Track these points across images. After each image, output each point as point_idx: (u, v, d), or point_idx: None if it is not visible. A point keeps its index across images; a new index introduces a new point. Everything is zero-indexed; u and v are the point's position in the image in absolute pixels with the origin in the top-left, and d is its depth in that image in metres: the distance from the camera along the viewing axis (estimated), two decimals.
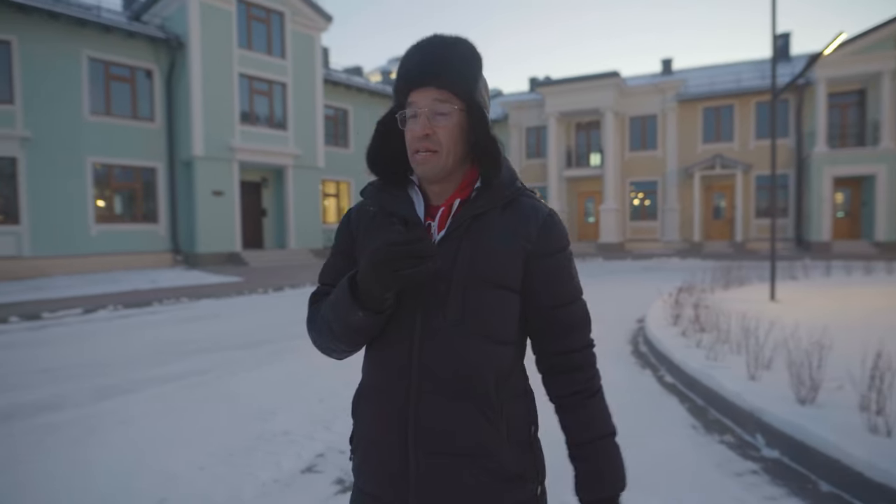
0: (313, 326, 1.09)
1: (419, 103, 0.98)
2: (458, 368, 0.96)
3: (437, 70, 0.97)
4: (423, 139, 0.97)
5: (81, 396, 4.51)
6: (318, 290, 1.15)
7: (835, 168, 20.34)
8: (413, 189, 1.07)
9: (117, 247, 15.80)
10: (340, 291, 0.97)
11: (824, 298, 8.45)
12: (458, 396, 0.96)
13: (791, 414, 3.38)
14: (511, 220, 1.02)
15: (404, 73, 1.00)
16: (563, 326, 1.06)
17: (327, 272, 1.15)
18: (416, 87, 0.98)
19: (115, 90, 15.93)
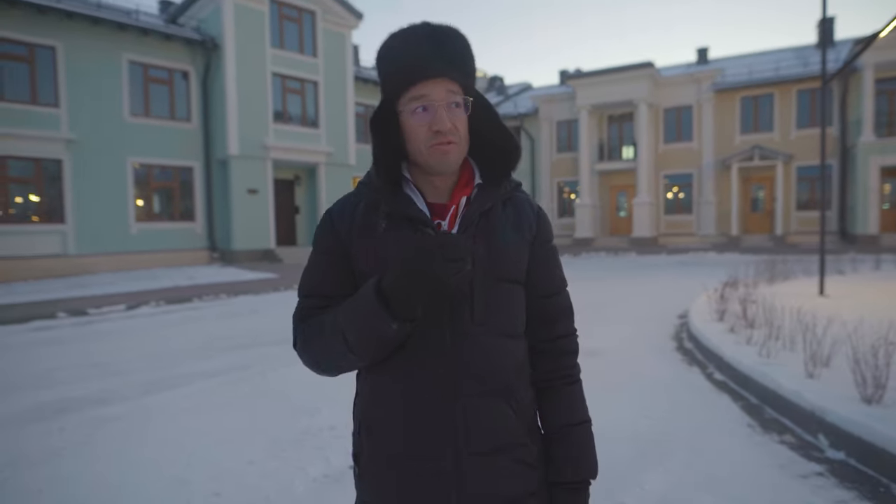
0: (317, 344, 0.99)
1: (433, 95, 0.94)
2: (490, 368, 0.98)
3: (448, 61, 0.95)
4: (442, 133, 0.95)
5: (129, 391, 4.61)
6: (306, 303, 1.05)
7: (882, 157, 19.47)
8: (407, 185, 1.01)
9: (156, 245, 16.23)
10: (364, 303, 0.90)
11: (877, 293, 8.07)
12: (492, 394, 0.98)
13: (856, 413, 3.21)
14: (513, 215, 1.05)
15: (412, 63, 0.94)
16: (553, 314, 1.09)
17: (315, 283, 1.04)
18: (428, 78, 0.94)
19: (154, 92, 16.33)
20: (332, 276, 1.03)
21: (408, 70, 0.95)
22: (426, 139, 0.95)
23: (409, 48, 0.95)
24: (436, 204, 1.01)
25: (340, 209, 1.05)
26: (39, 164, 14.30)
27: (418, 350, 0.96)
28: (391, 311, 0.88)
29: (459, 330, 0.96)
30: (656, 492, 2.70)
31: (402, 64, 0.95)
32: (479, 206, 1.01)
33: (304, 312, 1.05)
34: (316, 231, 1.08)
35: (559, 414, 1.08)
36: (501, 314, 1.00)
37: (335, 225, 1.03)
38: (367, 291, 0.91)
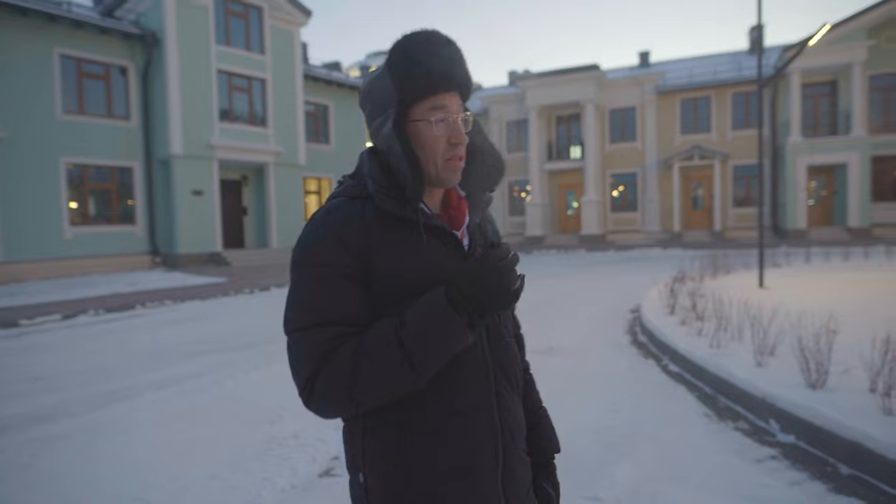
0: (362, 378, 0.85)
1: (451, 108, 0.95)
2: (514, 366, 1.05)
3: (462, 76, 0.96)
4: (459, 146, 0.96)
5: (76, 405, 4.34)
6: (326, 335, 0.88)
7: (808, 157, 20.80)
8: None
9: (93, 250, 15.35)
10: (442, 319, 0.85)
11: (810, 284, 8.61)
12: (514, 388, 1.04)
13: (804, 398, 3.41)
14: (484, 223, 1.10)
15: (439, 71, 0.91)
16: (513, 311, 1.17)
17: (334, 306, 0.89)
18: (448, 90, 0.94)
19: (89, 88, 15.44)
20: (352, 294, 0.91)
21: (434, 78, 0.92)
22: (444, 152, 0.95)
23: (433, 55, 0.92)
24: (438, 216, 1.02)
25: (345, 219, 0.93)
26: None
27: (461, 360, 0.94)
28: (469, 322, 0.88)
29: (495, 335, 1.01)
30: (627, 484, 2.78)
31: (428, 70, 0.91)
32: (474, 216, 1.04)
33: (323, 347, 0.88)
34: (307, 247, 0.93)
35: (532, 402, 1.18)
36: (511, 316, 1.12)
37: (343, 238, 0.91)
38: (438, 304, 0.87)
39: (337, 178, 22.70)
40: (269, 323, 7.93)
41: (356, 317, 0.90)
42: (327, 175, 22.32)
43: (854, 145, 20.29)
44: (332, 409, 0.90)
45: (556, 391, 4.32)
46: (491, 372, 0.98)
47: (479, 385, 0.97)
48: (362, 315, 0.91)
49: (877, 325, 4.19)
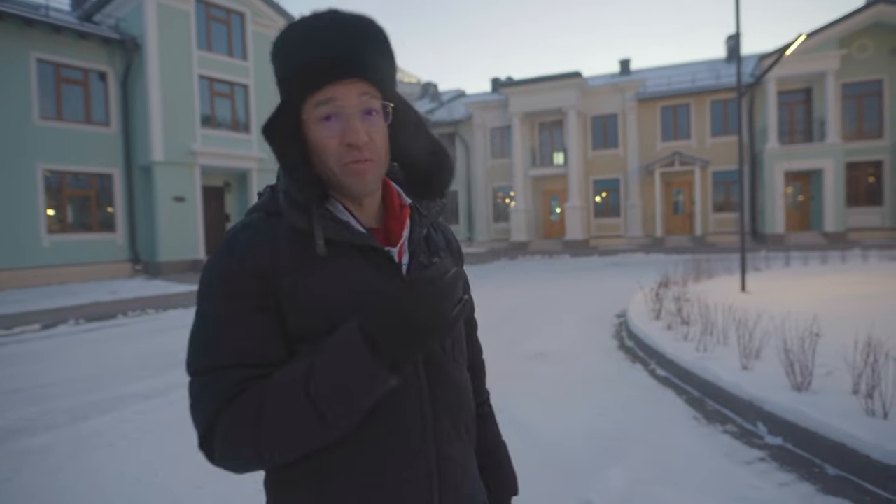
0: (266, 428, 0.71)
1: (344, 100, 0.76)
2: (462, 404, 0.88)
3: (363, 57, 0.76)
4: (356, 147, 0.77)
5: (57, 418, 4.24)
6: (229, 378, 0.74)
7: (786, 163, 21.25)
8: (337, 208, 0.83)
9: (72, 258, 15.05)
10: (349, 358, 0.69)
11: (791, 288, 8.78)
12: (457, 427, 0.87)
13: (789, 401, 3.47)
14: (442, 237, 0.96)
15: (316, 61, 0.75)
16: (473, 336, 1.08)
17: (238, 345, 0.75)
18: (338, 79, 0.76)
19: (67, 93, 15.17)
20: (260, 329, 0.76)
21: (311, 69, 0.76)
22: (338, 155, 0.78)
23: (311, 42, 0.76)
24: (372, 229, 0.85)
25: (251, 240, 0.78)
26: None
27: (395, 398, 0.77)
28: (387, 364, 0.70)
29: (436, 369, 0.83)
30: (620, 487, 2.80)
31: (304, 61, 0.76)
32: (421, 229, 0.87)
33: (223, 393, 0.73)
34: (212, 276, 0.78)
35: (492, 437, 1.07)
36: (460, 344, 0.92)
37: (247, 262, 0.77)
38: (352, 345, 0.70)
39: None
40: None
41: (266, 356, 0.76)
42: None
43: (829, 152, 20.78)
44: (239, 466, 0.74)
45: (546, 396, 4.35)
46: (430, 418, 0.81)
47: (414, 433, 0.80)
48: (274, 354, 0.76)
49: (858, 327, 4.28)
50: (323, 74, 0.76)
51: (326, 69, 0.75)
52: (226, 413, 0.73)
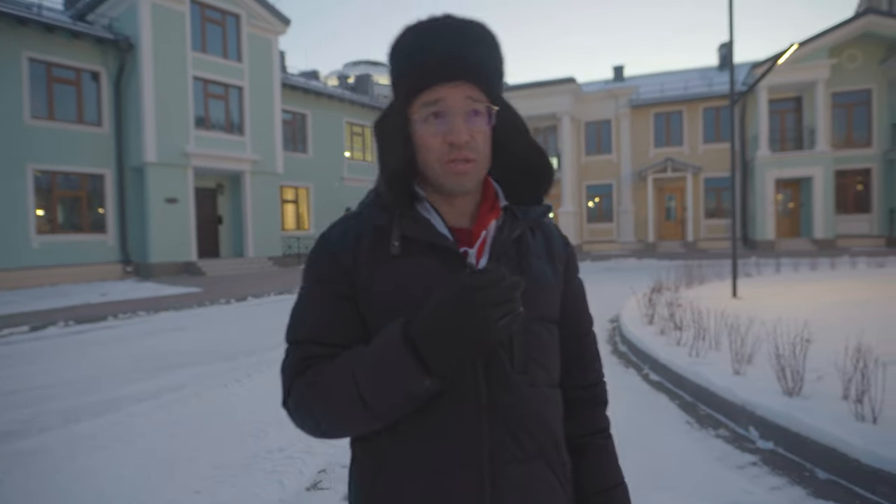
0: (319, 403, 0.78)
1: (449, 101, 0.79)
2: (534, 425, 0.83)
3: (471, 61, 0.80)
4: (458, 147, 0.80)
5: (49, 420, 4.21)
6: (302, 353, 0.83)
7: (776, 170, 21.48)
8: (424, 207, 0.86)
9: (62, 259, 14.93)
10: (388, 355, 0.73)
11: (782, 294, 8.87)
12: (534, 458, 0.83)
13: (781, 406, 3.51)
14: (544, 242, 0.92)
15: (428, 62, 0.79)
16: (587, 356, 0.97)
17: (315, 325, 0.84)
18: (445, 80, 0.79)
19: (59, 93, 15.08)
20: (336, 317, 0.83)
21: (422, 70, 0.80)
22: (440, 153, 0.81)
23: (424, 44, 0.80)
24: (458, 229, 0.85)
25: (341, 234, 0.86)
26: None
27: (446, 404, 0.78)
28: (424, 364, 0.71)
29: (498, 379, 0.80)
30: None
31: (416, 62, 0.80)
32: (511, 231, 0.86)
33: (299, 364, 0.83)
34: (308, 262, 0.88)
35: (598, 476, 0.94)
36: (543, 359, 0.86)
37: (336, 254, 0.85)
38: (392, 340, 0.73)
39: (316, 186, 22.53)
40: (248, 333, 7.82)
41: (337, 338, 0.82)
42: (305, 184, 22.17)
43: (818, 160, 21.03)
44: (305, 429, 0.83)
45: None
46: (486, 431, 0.78)
47: (467, 444, 0.78)
48: (344, 337, 0.82)
49: (848, 333, 4.34)
50: (432, 75, 0.79)
51: (435, 71, 0.79)
52: (295, 385, 0.82)
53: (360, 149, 25.12)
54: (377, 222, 0.84)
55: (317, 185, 22.54)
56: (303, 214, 22.31)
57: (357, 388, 0.74)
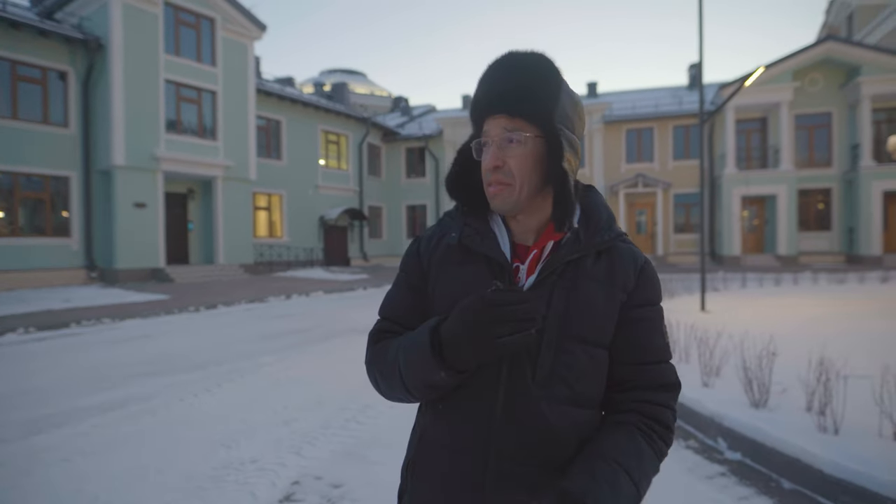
0: (379, 370, 0.97)
1: (490, 133, 0.91)
2: (545, 437, 0.87)
3: (507, 96, 0.89)
4: (494, 171, 0.90)
5: (8, 432, 4.04)
6: (381, 325, 1.04)
7: (742, 188, 22.16)
8: (495, 220, 0.98)
9: (22, 263, 14.40)
10: (419, 346, 0.86)
11: (748, 308, 9.13)
12: (540, 467, 0.88)
13: (748, 417, 3.61)
14: (607, 268, 0.93)
15: (476, 100, 0.94)
16: (648, 385, 0.94)
17: (393, 306, 1.04)
18: (488, 115, 0.92)
19: (24, 92, 14.63)
20: (407, 302, 1.02)
21: (473, 107, 0.95)
22: (484, 178, 0.93)
23: (479, 86, 0.94)
24: (520, 245, 0.95)
25: (430, 235, 1.04)
26: None
27: (468, 401, 0.90)
28: (442, 358, 0.84)
29: (516, 389, 0.88)
30: None
31: (473, 102, 0.95)
32: (567, 253, 0.91)
33: (377, 335, 1.03)
34: (405, 254, 1.07)
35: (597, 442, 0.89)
36: (571, 378, 0.89)
37: (421, 250, 1.03)
38: (424, 331, 0.88)
39: (289, 193, 22.29)
40: (218, 342, 7.65)
41: (403, 319, 1.01)
42: (278, 191, 21.92)
43: (782, 178, 21.79)
44: (373, 385, 1.02)
45: None
46: (496, 432, 0.88)
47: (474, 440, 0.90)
48: (409, 319, 1.00)
49: (811, 346, 4.50)
50: (480, 112, 0.94)
51: (481, 108, 0.93)
52: (371, 350, 1.02)
53: (335, 157, 25.00)
54: (451, 231, 0.99)
55: (290, 193, 22.31)
56: (276, 222, 22.03)
57: (398, 366, 0.91)
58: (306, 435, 3.89)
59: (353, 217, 24.86)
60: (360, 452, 3.57)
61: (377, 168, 28.16)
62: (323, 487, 3.08)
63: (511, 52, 0.93)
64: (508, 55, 0.93)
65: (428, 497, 0.95)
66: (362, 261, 26.03)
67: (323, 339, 7.86)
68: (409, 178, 28.74)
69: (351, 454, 3.55)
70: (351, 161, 25.61)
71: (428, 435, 0.97)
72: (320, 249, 23.60)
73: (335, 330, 8.62)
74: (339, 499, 2.95)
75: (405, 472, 1.02)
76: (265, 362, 6.29)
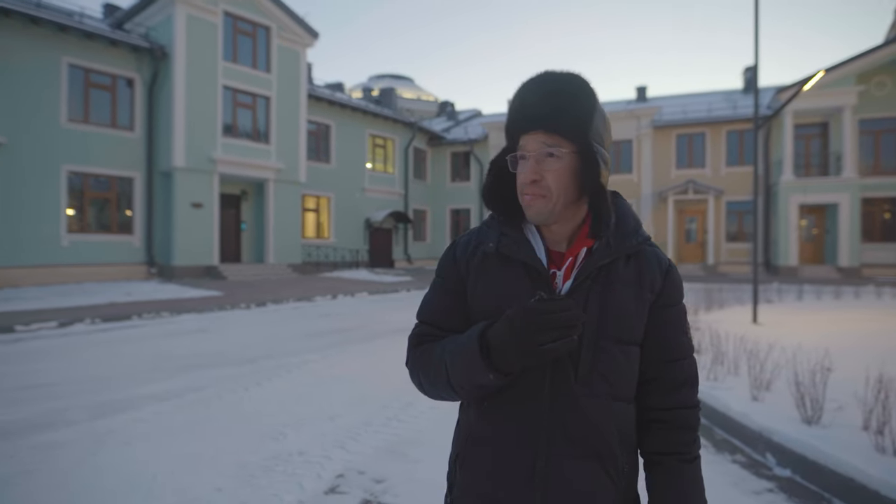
0: (423, 372, 1.02)
1: (528, 147, 0.97)
2: (589, 430, 0.94)
3: (544, 114, 0.95)
4: (531, 185, 0.96)
5: (76, 414, 4.34)
6: (420, 330, 1.08)
7: (800, 196, 21.19)
8: (529, 229, 1.03)
9: (90, 258, 15.32)
10: (467, 349, 0.92)
11: (803, 322, 8.74)
12: (587, 457, 0.95)
13: (799, 433, 3.49)
14: (636, 270, 1.00)
15: (513, 117, 0.99)
16: (672, 382, 1.02)
17: (432, 310, 1.07)
18: (526, 130, 0.97)
19: (95, 98, 15.60)
20: (446, 306, 1.05)
21: (510, 123, 1.01)
22: (521, 189, 0.98)
23: (516, 103, 0.99)
24: (554, 251, 1.01)
25: (465, 241, 1.08)
26: None
27: (515, 400, 0.96)
28: (490, 361, 0.89)
29: (560, 388, 0.95)
30: None
31: (508, 117, 1.01)
32: (599, 258, 0.97)
33: (417, 338, 1.07)
34: (440, 260, 1.10)
35: (669, 497, 1.00)
36: (610, 375, 0.96)
37: (457, 256, 1.06)
38: (472, 336, 0.92)
39: (337, 195, 22.80)
40: (269, 337, 7.94)
41: (443, 323, 1.05)
42: (327, 193, 22.48)
43: (845, 186, 20.71)
44: (417, 386, 1.07)
45: None
46: (545, 429, 0.94)
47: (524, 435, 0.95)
48: (451, 323, 1.04)
49: (869, 363, 4.30)
50: (517, 128, 0.99)
51: (519, 124, 0.98)
52: (411, 353, 1.07)
53: (382, 160, 25.41)
54: (488, 239, 1.04)
55: (338, 195, 22.83)
56: (323, 223, 22.59)
57: (445, 367, 0.96)
58: (350, 430, 4.01)
59: (398, 220, 25.21)
60: (401, 450, 3.66)
61: (423, 172, 28.45)
62: (366, 482, 3.18)
63: (548, 71, 0.99)
64: (546, 74, 0.99)
65: (475, 490, 1.00)
66: (406, 263, 26.34)
67: (367, 338, 8.03)
68: (454, 182, 28.90)
69: (393, 451, 3.64)
70: (397, 165, 25.98)
71: (474, 431, 1.01)
72: (365, 251, 24.04)
73: (378, 330, 8.79)
74: (381, 493, 3.04)
75: (453, 465, 1.06)
76: (311, 359, 6.50)
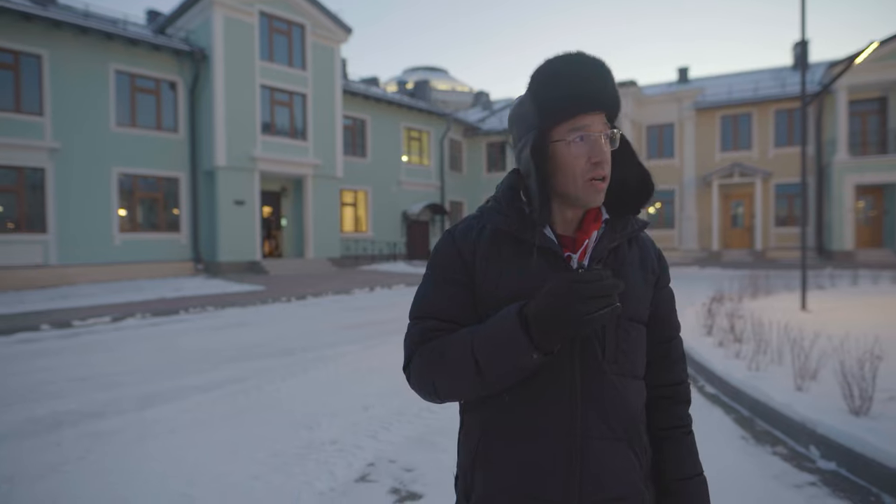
0: (438, 369, 0.95)
1: (593, 127, 0.93)
2: (619, 409, 0.95)
3: (607, 94, 0.94)
4: (600, 165, 0.93)
5: (125, 404, 4.57)
6: (424, 325, 1.00)
7: (856, 176, 20.11)
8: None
9: (140, 256, 16.03)
10: (504, 330, 0.88)
11: (855, 308, 8.32)
12: (618, 437, 0.95)
13: (846, 425, 3.33)
14: (638, 254, 1.04)
15: (583, 93, 0.93)
16: (670, 358, 1.08)
17: (434, 304, 1.00)
18: (589, 111, 0.93)
19: (141, 102, 16.25)
20: (453, 298, 0.99)
21: (578, 100, 0.93)
22: (583, 171, 0.94)
23: (578, 78, 0.93)
24: (563, 236, 0.99)
25: (464, 231, 1.03)
26: (22, 173, 14.09)
27: (544, 383, 0.93)
28: (532, 340, 0.86)
29: (590, 367, 0.94)
30: None
31: (572, 93, 0.93)
32: (609, 242, 0.99)
33: (420, 335, 1.00)
34: (435, 251, 1.05)
35: (678, 466, 1.05)
36: (630, 354, 0.98)
37: (458, 246, 1.01)
38: (509, 318, 0.88)
39: (374, 189, 23.04)
40: (307, 330, 8.14)
41: (454, 316, 0.99)
42: (363, 187, 22.74)
43: None
44: (421, 392, 1.00)
45: None
46: (578, 411, 0.93)
47: (556, 419, 0.93)
48: (459, 315, 0.99)
49: None
50: (582, 105, 0.93)
51: (585, 101, 0.93)
52: (416, 353, 0.99)
53: (418, 153, 25.50)
54: (496, 225, 0.99)
55: (375, 189, 23.07)
56: (361, 217, 22.89)
57: (474, 356, 0.90)
58: (382, 421, 4.07)
59: (435, 212, 25.28)
60: (431, 439, 3.69)
61: (458, 163, 28.41)
62: (396, 470, 3.23)
63: (583, 53, 0.96)
64: (584, 55, 0.96)
65: (501, 484, 0.95)
66: None
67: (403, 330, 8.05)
68: (490, 173, 28.74)
69: (423, 441, 3.68)
70: (433, 157, 26.03)
71: (495, 426, 0.97)
72: (403, 244, 24.24)
73: None
74: (410, 482, 3.08)
75: (469, 472, 1.00)
76: (347, 351, 6.62)
